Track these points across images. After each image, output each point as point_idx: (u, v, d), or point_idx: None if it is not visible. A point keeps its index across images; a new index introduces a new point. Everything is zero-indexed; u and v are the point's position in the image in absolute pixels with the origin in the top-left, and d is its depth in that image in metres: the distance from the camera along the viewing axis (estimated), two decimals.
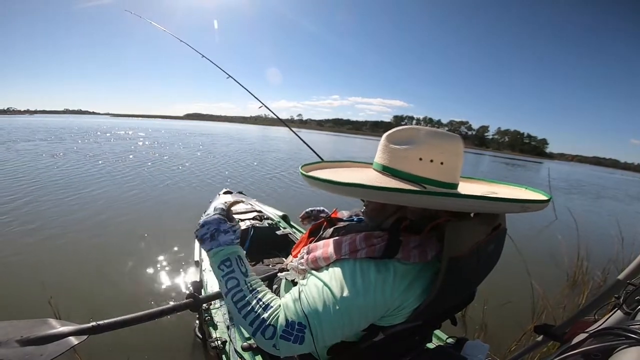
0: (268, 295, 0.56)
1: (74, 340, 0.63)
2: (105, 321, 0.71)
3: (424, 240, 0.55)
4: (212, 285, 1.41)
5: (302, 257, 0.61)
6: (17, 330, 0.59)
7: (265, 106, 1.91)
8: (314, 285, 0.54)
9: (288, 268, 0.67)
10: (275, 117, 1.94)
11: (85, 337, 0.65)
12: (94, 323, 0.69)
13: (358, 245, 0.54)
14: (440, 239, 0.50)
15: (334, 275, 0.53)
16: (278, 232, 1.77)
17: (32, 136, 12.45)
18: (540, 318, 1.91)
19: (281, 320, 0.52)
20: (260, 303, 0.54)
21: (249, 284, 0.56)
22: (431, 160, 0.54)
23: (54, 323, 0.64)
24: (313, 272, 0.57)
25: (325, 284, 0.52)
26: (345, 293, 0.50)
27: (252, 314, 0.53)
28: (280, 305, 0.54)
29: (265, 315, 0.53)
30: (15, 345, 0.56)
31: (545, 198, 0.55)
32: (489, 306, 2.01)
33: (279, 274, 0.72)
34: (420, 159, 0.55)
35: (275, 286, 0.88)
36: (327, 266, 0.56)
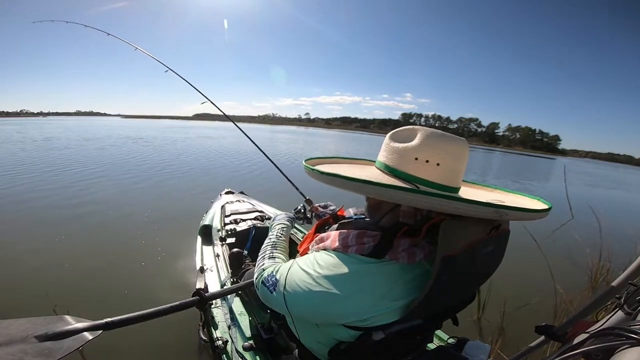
0: (279, 255, 0.76)
1: (88, 335, 0.66)
2: (118, 318, 0.74)
3: (414, 242, 0.56)
4: (215, 285, 1.43)
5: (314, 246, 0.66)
6: (35, 327, 0.63)
7: (211, 101, 2.00)
8: (307, 259, 0.61)
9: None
10: (221, 112, 2.02)
11: (100, 332, 0.68)
12: (107, 319, 0.72)
13: (350, 242, 0.58)
14: (435, 241, 0.51)
15: (323, 260, 0.58)
16: None
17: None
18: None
19: (270, 270, 0.66)
20: (270, 255, 0.75)
21: (272, 243, 0.80)
22: (427, 161, 0.55)
23: (70, 320, 0.67)
24: (313, 252, 0.63)
25: (316, 262, 0.58)
26: (325, 279, 0.55)
27: (261, 260, 0.75)
28: (280, 263, 0.69)
29: (267, 263, 0.72)
30: (35, 341, 0.60)
31: (545, 207, 0.55)
32: (507, 308, 1.96)
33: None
34: (416, 159, 0.56)
35: None
36: (325, 251, 0.60)
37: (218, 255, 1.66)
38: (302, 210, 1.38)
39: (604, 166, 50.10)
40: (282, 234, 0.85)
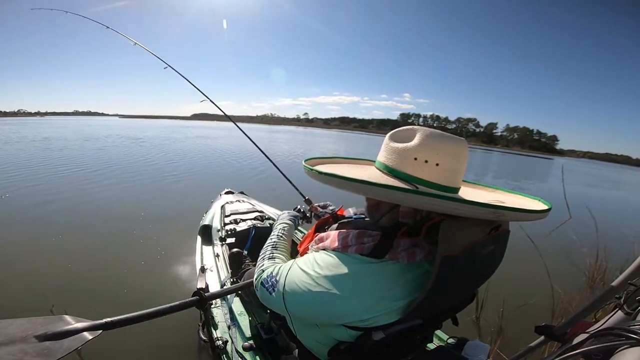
0: (279, 255, 0.74)
1: (88, 335, 0.65)
2: (117, 317, 0.74)
3: (414, 242, 0.56)
4: (215, 285, 1.43)
5: (313, 245, 0.65)
6: (35, 327, 0.62)
7: (210, 100, 1.99)
8: (307, 259, 0.60)
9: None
10: (221, 111, 2.01)
11: (99, 332, 0.68)
12: (107, 319, 0.72)
13: (349, 241, 0.58)
14: (435, 241, 0.51)
15: (322, 260, 0.57)
16: None
17: None
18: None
19: (269, 271, 0.66)
20: (270, 255, 0.74)
21: (273, 243, 0.79)
22: (426, 161, 0.55)
23: (70, 319, 0.67)
24: (313, 252, 0.63)
25: (315, 262, 0.58)
26: (324, 279, 0.55)
27: (261, 260, 0.74)
28: (279, 263, 0.69)
29: (266, 263, 0.71)
30: (34, 341, 0.59)
31: (544, 207, 0.55)
32: (506, 308, 1.97)
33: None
34: (415, 159, 0.55)
35: None
36: (324, 251, 0.60)
37: (218, 255, 1.66)
38: (302, 210, 1.39)
39: (601, 166, 50.36)
40: (283, 234, 0.84)
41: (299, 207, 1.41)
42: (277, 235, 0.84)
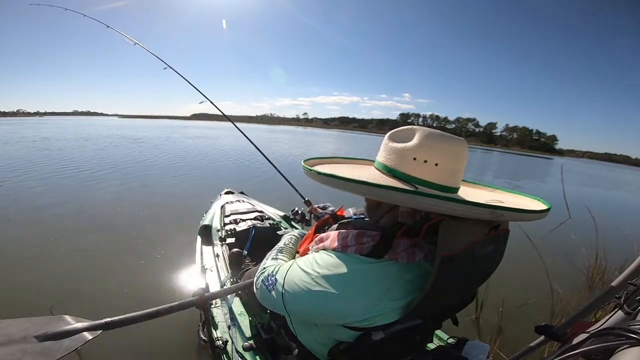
0: (283, 258, 0.75)
1: (88, 335, 0.65)
2: (117, 317, 0.74)
3: (414, 242, 0.56)
4: (215, 285, 1.43)
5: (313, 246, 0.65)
6: (35, 327, 0.62)
7: (210, 101, 2.02)
8: (307, 259, 0.60)
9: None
10: (221, 112, 2.02)
11: (99, 332, 0.68)
12: (107, 319, 0.72)
13: (349, 242, 0.58)
14: (434, 241, 0.51)
15: (322, 260, 0.57)
16: (279, 232, 1.77)
17: None
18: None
19: (270, 270, 0.66)
20: (275, 257, 0.75)
21: (279, 248, 0.80)
22: (425, 161, 0.55)
23: (70, 319, 0.67)
24: (313, 252, 0.63)
25: (315, 262, 0.58)
26: (324, 279, 0.55)
27: (264, 260, 0.75)
28: (281, 263, 0.69)
29: (268, 263, 0.72)
30: (34, 341, 0.59)
31: (544, 207, 0.55)
32: (505, 308, 1.96)
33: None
34: (415, 159, 0.55)
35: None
36: (324, 251, 0.60)
37: (218, 255, 1.66)
38: (300, 212, 1.39)
39: (601, 166, 50.43)
40: (290, 242, 0.84)
41: (296, 209, 1.42)
42: (284, 242, 0.84)
